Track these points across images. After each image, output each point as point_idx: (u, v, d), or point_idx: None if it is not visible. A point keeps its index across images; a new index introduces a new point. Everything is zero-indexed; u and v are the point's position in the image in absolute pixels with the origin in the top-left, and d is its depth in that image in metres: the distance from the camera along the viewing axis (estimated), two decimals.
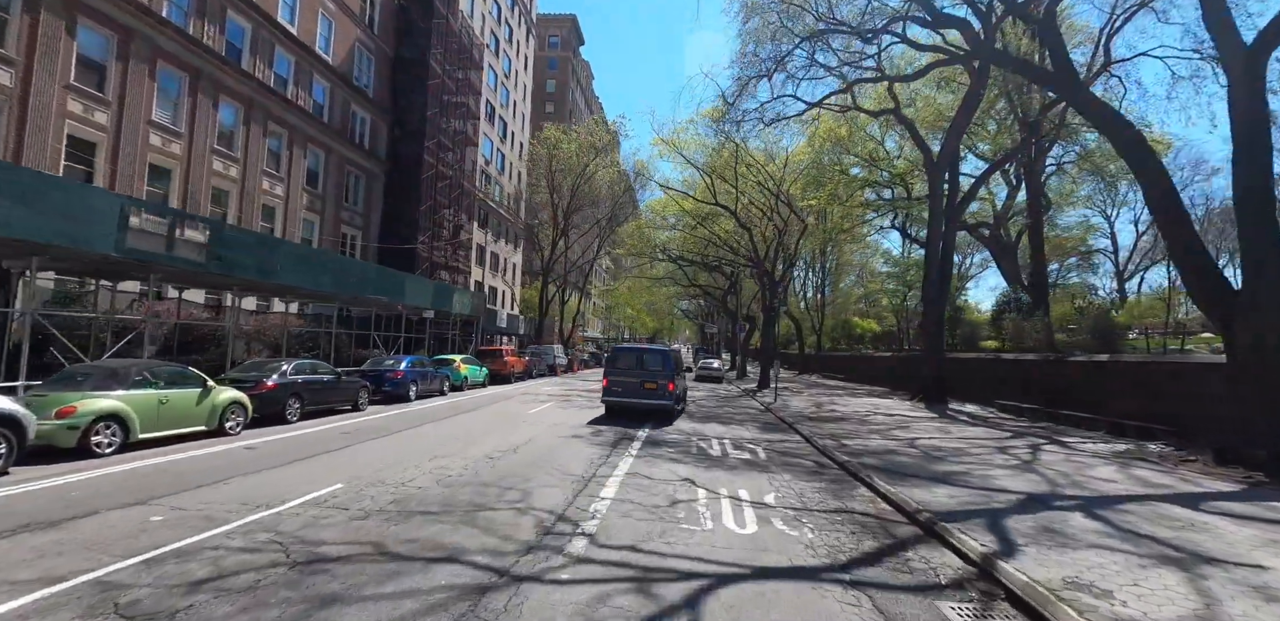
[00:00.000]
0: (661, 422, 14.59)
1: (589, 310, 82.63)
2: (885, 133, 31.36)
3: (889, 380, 31.86)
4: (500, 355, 25.34)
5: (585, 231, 45.43)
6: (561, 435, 11.69)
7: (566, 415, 15.08)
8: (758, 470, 9.14)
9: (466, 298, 26.66)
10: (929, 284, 22.88)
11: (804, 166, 30.84)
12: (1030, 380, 19.05)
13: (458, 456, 9.15)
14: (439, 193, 34.06)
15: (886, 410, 19.01)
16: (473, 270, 44.08)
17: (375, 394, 16.45)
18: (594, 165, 40.49)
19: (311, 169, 26.15)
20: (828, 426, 14.60)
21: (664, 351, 15.41)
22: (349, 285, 17.48)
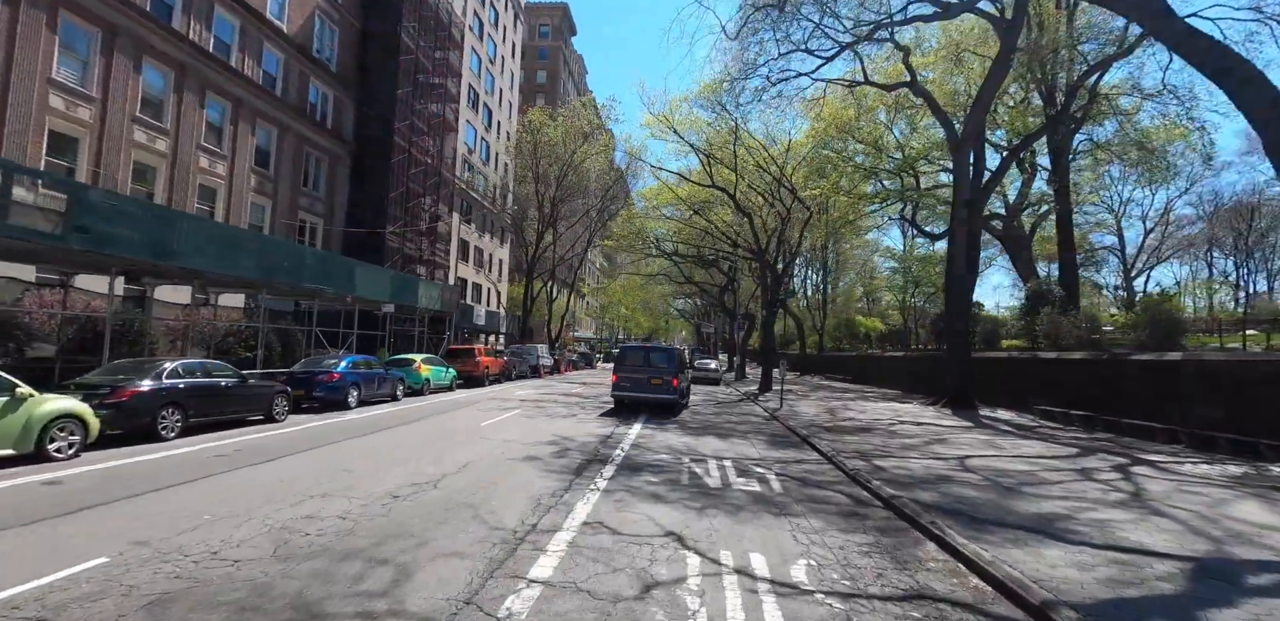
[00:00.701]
0: (656, 424, 12.00)
1: (581, 309, 79.88)
2: (894, 118, 28.83)
3: (902, 382, 29.25)
4: (472, 355, 22.63)
5: (574, 223, 42.75)
6: (512, 456, 9.00)
7: (530, 427, 12.40)
8: (773, 512, 6.48)
9: (435, 291, 23.94)
10: (953, 276, 20.28)
11: (807, 151, 28.31)
12: (1077, 383, 16.45)
13: (349, 494, 6.47)
14: (412, 179, 31.34)
15: (912, 418, 16.38)
16: (454, 265, 41.37)
17: (309, 400, 13.76)
18: (581, 153, 37.83)
19: (262, 147, 23.43)
20: (849, 439, 11.95)
21: (670, 349, 16.45)
22: (279, 271, 14.76)
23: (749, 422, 15.12)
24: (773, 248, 26.57)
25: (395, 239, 30.18)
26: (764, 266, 26.04)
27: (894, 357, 32.34)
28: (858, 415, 16.94)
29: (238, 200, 21.95)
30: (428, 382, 18.91)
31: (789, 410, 17.83)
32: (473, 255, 45.47)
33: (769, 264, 26.10)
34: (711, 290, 52.50)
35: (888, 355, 33.23)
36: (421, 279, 23.65)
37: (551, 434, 11.34)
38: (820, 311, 52.67)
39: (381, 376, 15.72)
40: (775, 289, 26.51)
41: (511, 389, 22.07)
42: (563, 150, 36.78)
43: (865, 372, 35.24)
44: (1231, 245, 60.53)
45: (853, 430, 13.49)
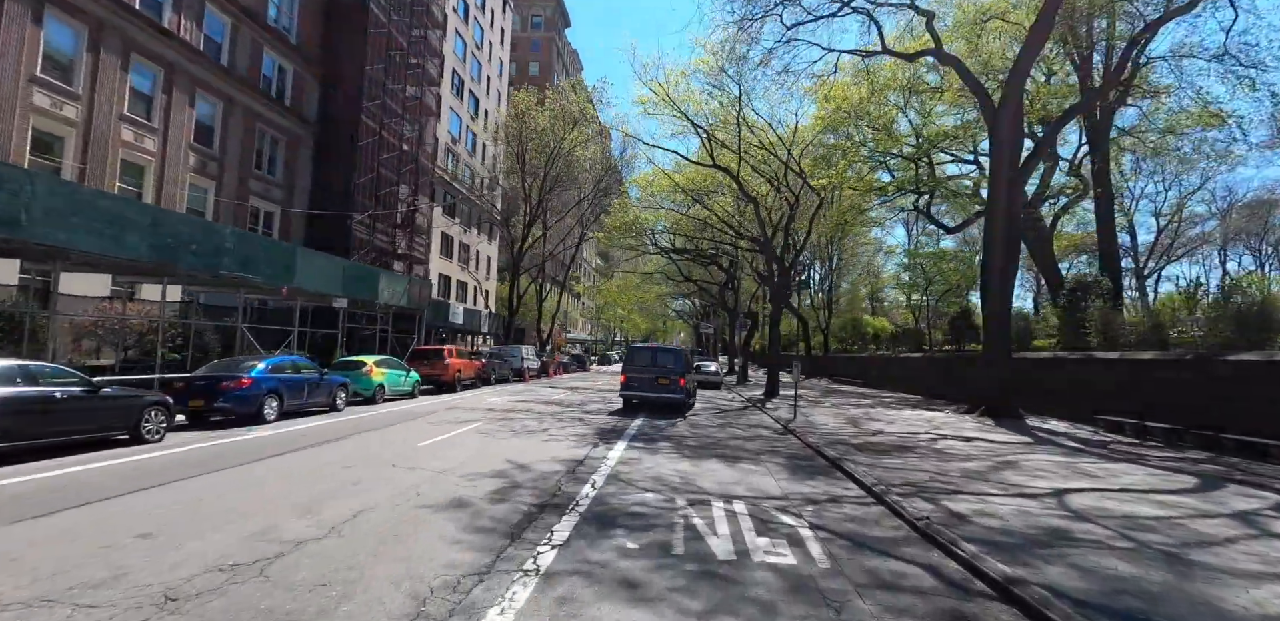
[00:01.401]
0: (645, 442, 9.31)
1: (576, 310, 77.13)
2: (907, 101, 26.21)
3: (921, 386, 26.57)
4: (441, 357, 19.90)
5: (563, 215, 40.05)
6: (432, 500, 6.27)
7: (481, 448, 9.67)
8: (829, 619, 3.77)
9: (400, 285, 21.20)
10: (990, 267, 17.63)
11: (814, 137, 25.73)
12: (1148, 388, 13.77)
13: (74, 598, 3.74)
14: (384, 164, 28.65)
15: (952, 430, 13.68)
16: (435, 261, 38.64)
17: (211, 412, 11.03)
18: (570, 139, 35.15)
19: (204, 122, 20.72)
20: (891, 463, 9.26)
21: (677, 350, 17.06)
22: (183, 253, 12.03)
23: (760, 438, 12.41)
24: (779, 238, 23.88)
25: (364, 229, 27.47)
26: (770, 258, 23.36)
27: (910, 359, 29.67)
28: (886, 427, 14.25)
29: (172, 180, 19.23)
30: (381, 389, 16.17)
31: (804, 421, 15.13)
32: (457, 251, 42.75)
33: (775, 255, 23.42)
34: (711, 288, 49.85)
35: (903, 357, 30.55)
36: (383, 271, 20.87)
37: (505, 459, 8.61)
38: (825, 311, 50.02)
39: (314, 382, 12.97)
40: (783, 283, 23.82)
41: (484, 396, 19.32)
42: (550, 137, 34.09)
43: (877, 375, 32.56)
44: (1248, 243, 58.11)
45: (889, 448, 10.80)
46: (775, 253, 23.35)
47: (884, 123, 25.49)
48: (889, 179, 28.81)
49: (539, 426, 12.36)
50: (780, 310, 24.09)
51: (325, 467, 7.74)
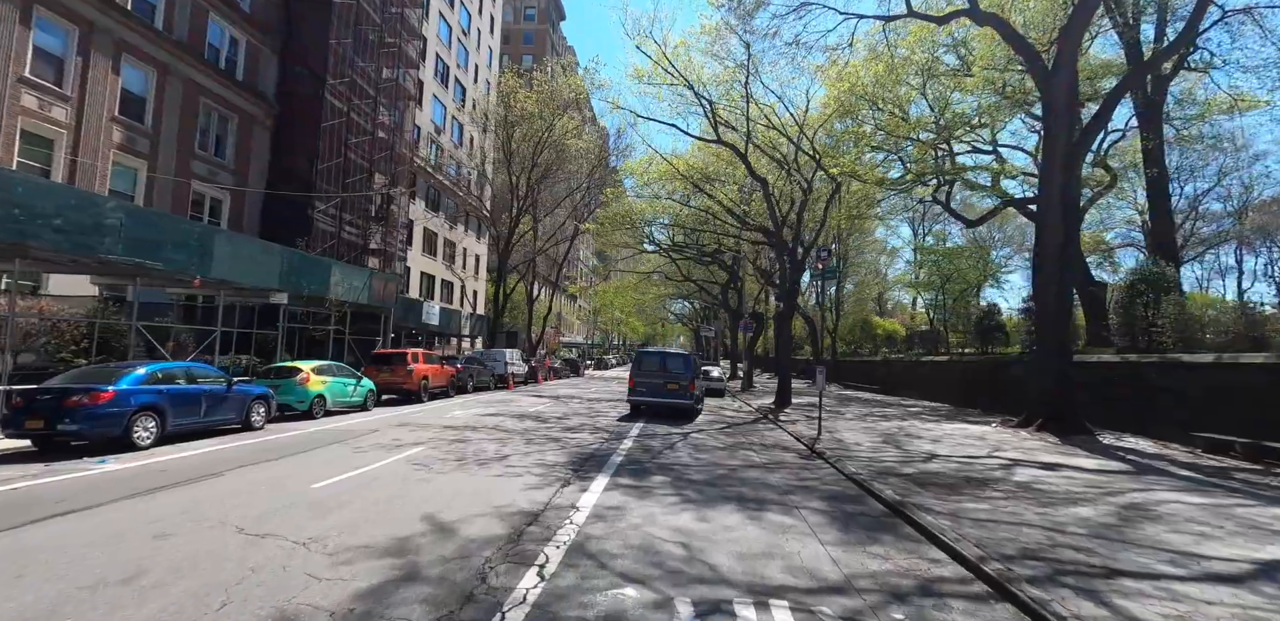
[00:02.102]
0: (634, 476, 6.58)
1: (572, 313, 74.43)
2: (927, 82, 23.57)
3: (948, 393, 23.87)
4: (402, 362, 17.18)
5: (553, 209, 37.38)
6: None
7: (401, 492, 6.91)
8: None
9: (359, 279, 18.43)
10: (1045, 259, 14.95)
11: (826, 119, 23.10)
12: (1258, 398, 11.06)
13: None
14: (353, 150, 25.99)
15: (1018, 452, 10.97)
16: (416, 258, 35.96)
17: (55, 435, 8.31)
18: (560, 126, 32.53)
19: (133, 93, 18.07)
20: (973, 509, 6.53)
21: (686, 355, 16.73)
22: (40, 230, 9.31)
23: (783, 465, 9.67)
24: (790, 227, 21.21)
25: (329, 220, 24.79)
26: (780, 249, 20.68)
27: (933, 364, 26.96)
28: (932, 447, 11.54)
29: (90, 156, 16.54)
30: (320, 400, 13.42)
31: (831, 439, 12.43)
32: (441, 248, 40.07)
33: (786, 246, 20.74)
34: (711, 289, 47.17)
35: (926, 360, 27.82)
36: (336, 262, 18.09)
37: (423, 514, 5.86)
38: (833, 312, 47.33)
39: (216, 395, 10.24)
40: (794, 279, 21.14)
41: (452, 407, 16.56)
42: (540, 124, 31.46)
43: (896, 380, 29.85)
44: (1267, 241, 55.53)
45: (957, 482, 8.09)
46: (786, 244, 20.67)
47: (900, 105, 22.88)
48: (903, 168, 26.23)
49: (498, 451, 9.63)
50: (791, 309, 21.40)
51: (127, 536, 5.01)
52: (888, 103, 22.40)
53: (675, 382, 15.83)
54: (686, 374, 16.09)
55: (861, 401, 24.19)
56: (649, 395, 15.94)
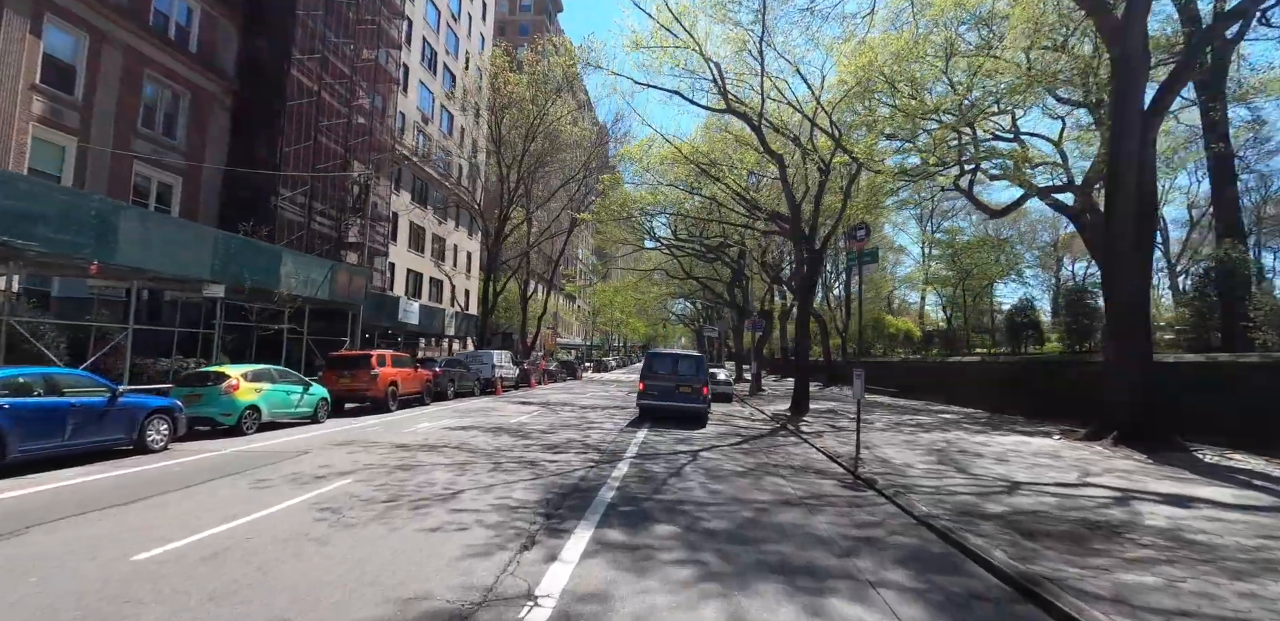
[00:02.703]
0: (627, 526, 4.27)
1: (570, 313, 72.15)
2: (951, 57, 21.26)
3: (982, 397, 21.56)
4: (365, 365, 14.85)
5: (546, 200, 35.09)
6: None
7: (260, 574, 4.59)
8: None
9: (318, 271, 16.07)
10: (1117, 251, 12.59)
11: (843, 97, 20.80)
12: None
13: None
14: (325, 133, 23.76)
15: (1115, 477, 8.63)
16: (401, 254, 33.69)
17: None
18: (554, 112, 30.27)
19: (59, 59, 15.82)
20: (1142, 585, 4.07)
21: (698, 357, 16.59)
22: None
23: (827, 501, 7.33)
24: (808, 212, 18.91)
25: (298, 211, 22.54)
26: (796, 235, 18.38)
27: (962, 365, 24.59)
28: (1003, 469, 9.21)
29: (5, 127, 14.29)
30: (253, 412, 11.11)
31: (874, 458, 10.11)
32: (430, 245, 37.80)
33: (803, 233, 18.44)
34: (715, 286, 44.87)
35: (954, 361, 25.45)
36: (288, 250, 15.72)
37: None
38: (843, 311, 45.00)
39: (91, 409, 7.95)
40: (812, 270, 18.85)
41: (418, 418, 14.20)
42: (531, 109, 29.19)
43: (918, 383, 27.50)
44: None
45: (1078, 532, 5.73)
46: (804, 231, 18.36)
47: (921, 84, 20.56)
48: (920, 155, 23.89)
49: (449, 485, 7.29)
50: (809, 304, 19.11)
51: None
52: (907, 82, 20.10)
53: (688, 385, 15.41)
54: (699, 377, 15.66)
55: (886, 407, 21.84)
56: (661, 398, 15.41)
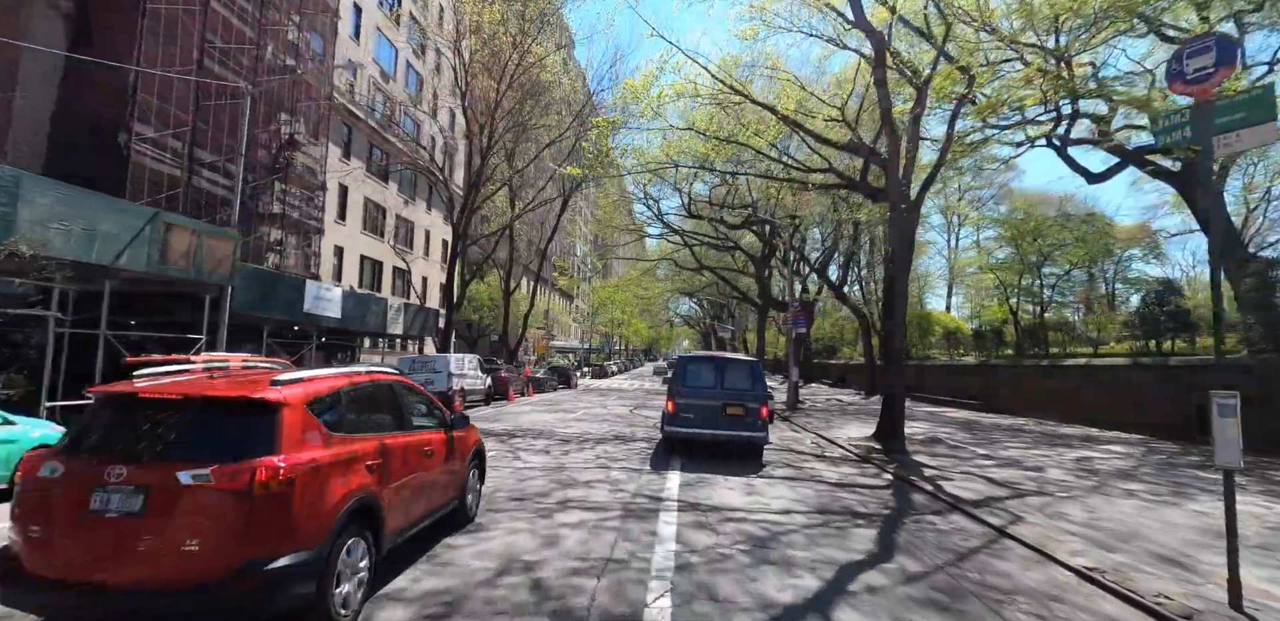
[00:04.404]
0: None
1: (567, 313, 65.82)
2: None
3: (1116, 410, 15.25)
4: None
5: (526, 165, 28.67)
6: None
7: None
8: None
9: (126, 223, 9.58)
10: None
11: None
12: None
13: None
14: (214, 57, 17.45)
15: None
16: (353, 236, 27.35)
17: None
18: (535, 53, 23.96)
19: None
20: None
21: (751, 363, 10.95)
22: None
23: None
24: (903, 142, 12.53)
25: (170, 159, 16.22)
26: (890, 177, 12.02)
27: (1078, 369, 18.09)
28: None
29: None
30: None
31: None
32: (392, 227, 31.47)
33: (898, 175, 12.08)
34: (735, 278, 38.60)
35: (1070, 364, 18.88)
36: (34, 176, 9.21)
37: None
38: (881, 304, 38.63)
39: None
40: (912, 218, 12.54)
41: None
42: (505, 39, 22.86)
43: (1009, 392, 21.07)
44: None
45: None
46: (899, 171, 11.99)
47: None
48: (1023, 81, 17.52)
49: None
50: (904, 282, 12.69)
51: None
52: None
53: (739, 405, 10.20)
54: (756, 392, 10.37)
55: (994, 429, 15.39)
56: (699, 424, 10.16)
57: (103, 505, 3.10)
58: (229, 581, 3.05)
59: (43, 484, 3.21)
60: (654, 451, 10.97)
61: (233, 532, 3.10)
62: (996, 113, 15.11)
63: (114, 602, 3.03)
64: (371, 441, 4.09)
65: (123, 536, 3.08)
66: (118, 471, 3.15)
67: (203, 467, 3.14)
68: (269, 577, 3.10)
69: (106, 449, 3.34)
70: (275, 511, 3.20)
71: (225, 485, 3.13)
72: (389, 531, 4.13)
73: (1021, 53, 15.07)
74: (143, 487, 3.12)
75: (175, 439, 3.35)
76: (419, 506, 4.67)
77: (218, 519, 3.11)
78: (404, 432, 4.65)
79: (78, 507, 3.11)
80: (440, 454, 5.09)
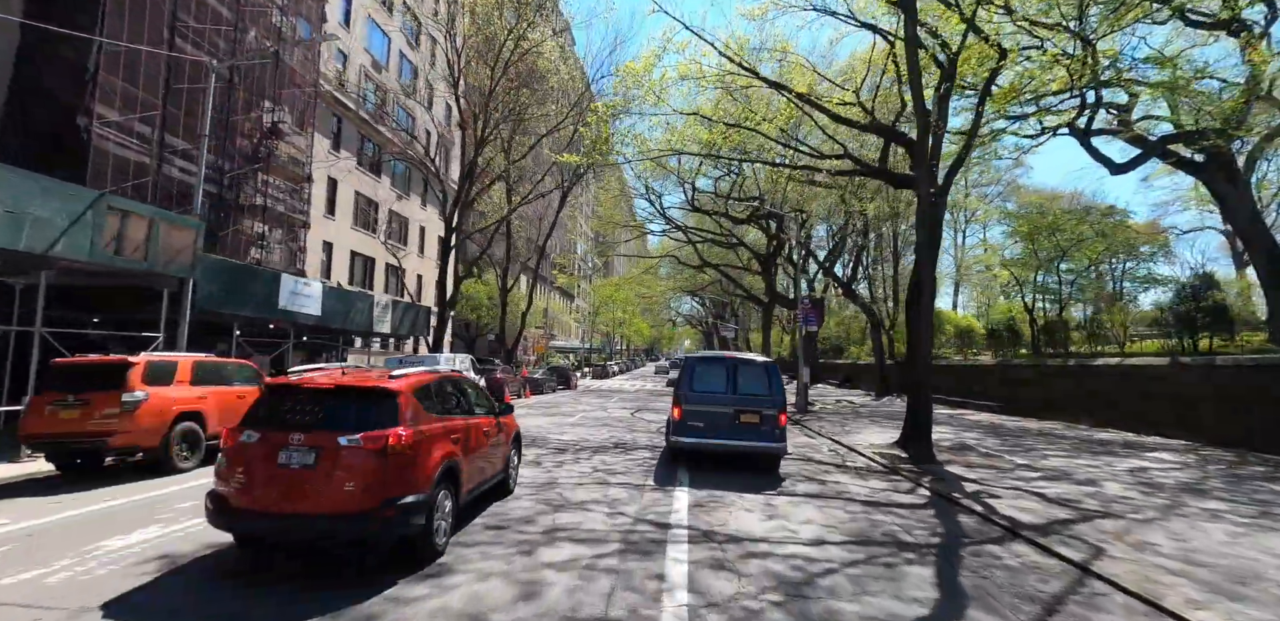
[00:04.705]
0: None
1: (568, 312, 64.69)
2: None
3: (1154, 414, 14.10)
4: (113, 384, 7.36)
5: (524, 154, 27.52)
6: None
7: None
8: None
9: (63, 207, 8.49)
10: None
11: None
12: None
13: None
14: (187, 37, 16.37)
15: None
16: (343, 232, 26.25)
17: None
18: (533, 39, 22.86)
19: None
20: None
21: (767, 364, 9.78)
22: None
23: None
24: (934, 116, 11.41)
25: (137, 144, 15.13)
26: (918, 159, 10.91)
27: (1110, 369, 16.88)
28: None
29: None
30: None
31: None
32: (385, 223, 30.36)
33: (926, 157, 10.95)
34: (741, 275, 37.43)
35: (1100, 363, 17.66)
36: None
37: None
38: (890, 302, 37.48)
39: None
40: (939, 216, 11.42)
41: (145, 510, 6.77)
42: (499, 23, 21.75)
43: (1025, 394, 19.91)
44: None
45: None
46: (926, 153, 10.87)
47: None
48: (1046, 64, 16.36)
49: None
50: (931, 272, 11.56)
51: None
52: None
53: (753, 412, 9.13)
54: (772, 396, 9.23)
55: (1023, 434, 14.23)
56: (709, 434, 9.15)
57: (287, 460, 4.36)
58: (374, 510, 4.32)
59: (243, 446, 4.47)
60: (658, 462, 9.86)
61: (375, 478, 4.39)
62: (1019, 98, 13.99)
63: (298, 525, 4.32)
64: (453, 421, 5.55)
65: (303, 481, 4.34)
66: (297, 437, 4.43)
67: (354, 434, 4.43)
68: (399, 509, 4.37)
69: (285, 422, 4.61)
70: (401, 465, 4.53)
71: (369, 446, 4.43)
72: (464, 490, 5.56)
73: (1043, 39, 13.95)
74: (315, 448, 4.39)
75: (332, 415, 4.66)
76: (481, 474, 6.15)
77: (365, 469, 4.39)
78: (470, 417, 6.09)
79: (270, 461, 4.37)
80: (493, 435, 6.58)
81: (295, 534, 4.46)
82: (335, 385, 4.75)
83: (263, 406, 4.77)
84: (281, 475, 4.32)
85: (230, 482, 4.39)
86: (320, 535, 4.46)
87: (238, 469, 4.41)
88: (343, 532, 4.38)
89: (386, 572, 4.57)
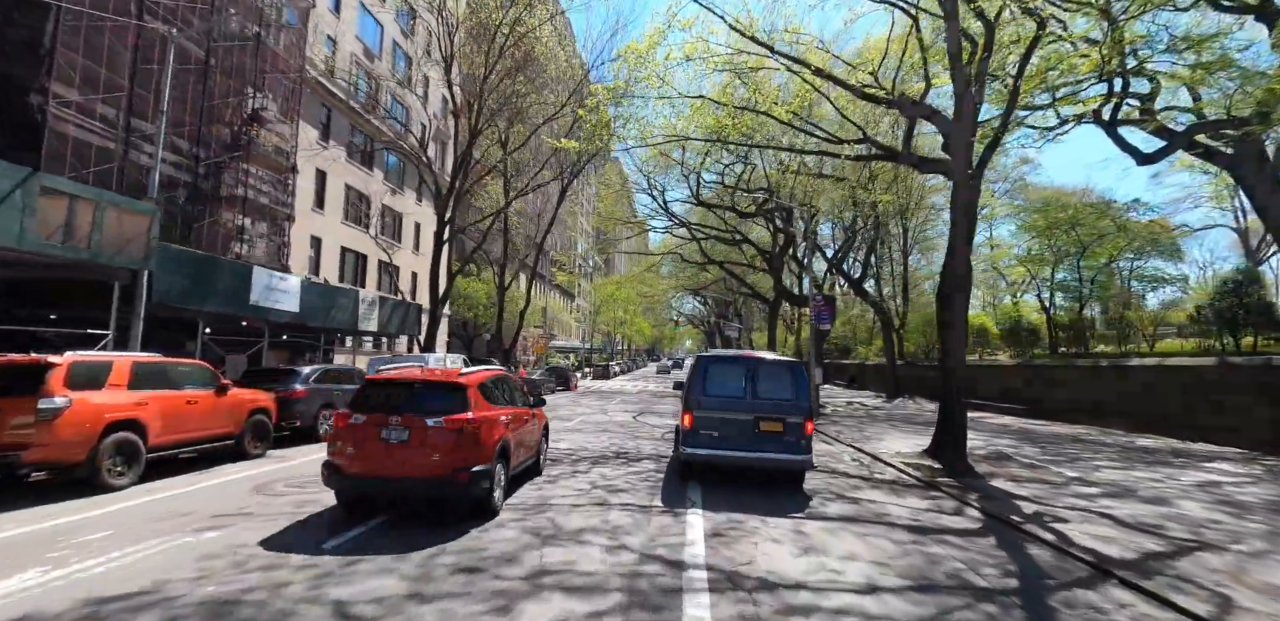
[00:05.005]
0: None
1: (568, 312, 63.57)
2: None
3: (1211, 419, 12.95)
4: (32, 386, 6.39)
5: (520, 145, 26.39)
6: None
7: None
8: None
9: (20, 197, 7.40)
10: None
11: None
12: None
13: None
14: (154, 14, 15.25)
15: None
16: (333, 227, 25.14)
17: None
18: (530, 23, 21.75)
19: None
20: None
21: (790, 363, 8.56)
22: None
23: None
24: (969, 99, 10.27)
25: (101, 128, 14.03)
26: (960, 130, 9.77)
27: (1161, 369, 15.64)
28: None
29: None
30: None
31: None
32: (378, 218, 29.22)
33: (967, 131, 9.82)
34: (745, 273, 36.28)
35: (1136, 364, 16.43)
36: None
37: None
38: (901, 300, 36.33)
39: None
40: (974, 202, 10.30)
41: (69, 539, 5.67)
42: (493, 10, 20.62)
43: (1053, 397, 18.76)
44: None
45: None
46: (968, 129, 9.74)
47: None
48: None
49: None
50: (965, 263, 10.43)
51: None
52: None
53: (775, 419, 7.90)
54: (798, 402, 8.01)
55: (1059, 440, 13.09)
56: (724, 445, 7.95)
57: (387, 436, 5.83)
58: (453, 474, 5.80)
59: (351, 426, 5.93)
60: (665, 475, 8.74)
61: (454, 451, 5.86)
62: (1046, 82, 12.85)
63: (395, 485, 5.88)
64: (505, 410, 6.99)
65: (400, 452, 5.83)
66: (395, 419, 5.90)
67: (438, 417, 5.92)
68: (472, 475, 5.84)
69: (383, 407, 6.09)
70: (472, 441, 5.98)
71: (449, 427, 5.90)
72: (512, 466, 6.95)
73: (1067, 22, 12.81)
74: (408, 427, 5.87)
75: (419, 402, 6.18)
76: (523, 454, 7.54)
77: (446, 444, 5.87)
78: (516, 407, 7.55)
79: (374, 438, 5.84)
80: (531, 423, 8.04)
81: (394, 492, 5.98)
82: (420, 380, 6.48)
83: (364, 395, 6.28)
84: (383, 448, 5.75)
85: (342, 455, 5.81)
86: (413, 493, 5.95)
87: (348, 444, 5.82)
88: (430, 491, 5.83)
89: (464, 523, 5.94)
